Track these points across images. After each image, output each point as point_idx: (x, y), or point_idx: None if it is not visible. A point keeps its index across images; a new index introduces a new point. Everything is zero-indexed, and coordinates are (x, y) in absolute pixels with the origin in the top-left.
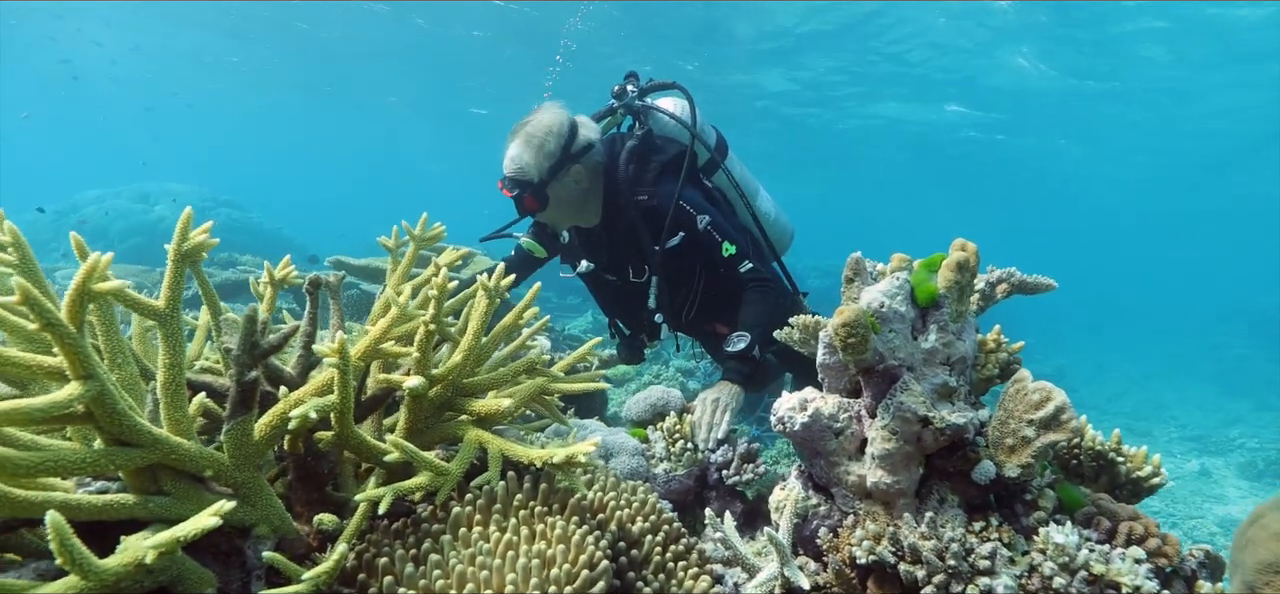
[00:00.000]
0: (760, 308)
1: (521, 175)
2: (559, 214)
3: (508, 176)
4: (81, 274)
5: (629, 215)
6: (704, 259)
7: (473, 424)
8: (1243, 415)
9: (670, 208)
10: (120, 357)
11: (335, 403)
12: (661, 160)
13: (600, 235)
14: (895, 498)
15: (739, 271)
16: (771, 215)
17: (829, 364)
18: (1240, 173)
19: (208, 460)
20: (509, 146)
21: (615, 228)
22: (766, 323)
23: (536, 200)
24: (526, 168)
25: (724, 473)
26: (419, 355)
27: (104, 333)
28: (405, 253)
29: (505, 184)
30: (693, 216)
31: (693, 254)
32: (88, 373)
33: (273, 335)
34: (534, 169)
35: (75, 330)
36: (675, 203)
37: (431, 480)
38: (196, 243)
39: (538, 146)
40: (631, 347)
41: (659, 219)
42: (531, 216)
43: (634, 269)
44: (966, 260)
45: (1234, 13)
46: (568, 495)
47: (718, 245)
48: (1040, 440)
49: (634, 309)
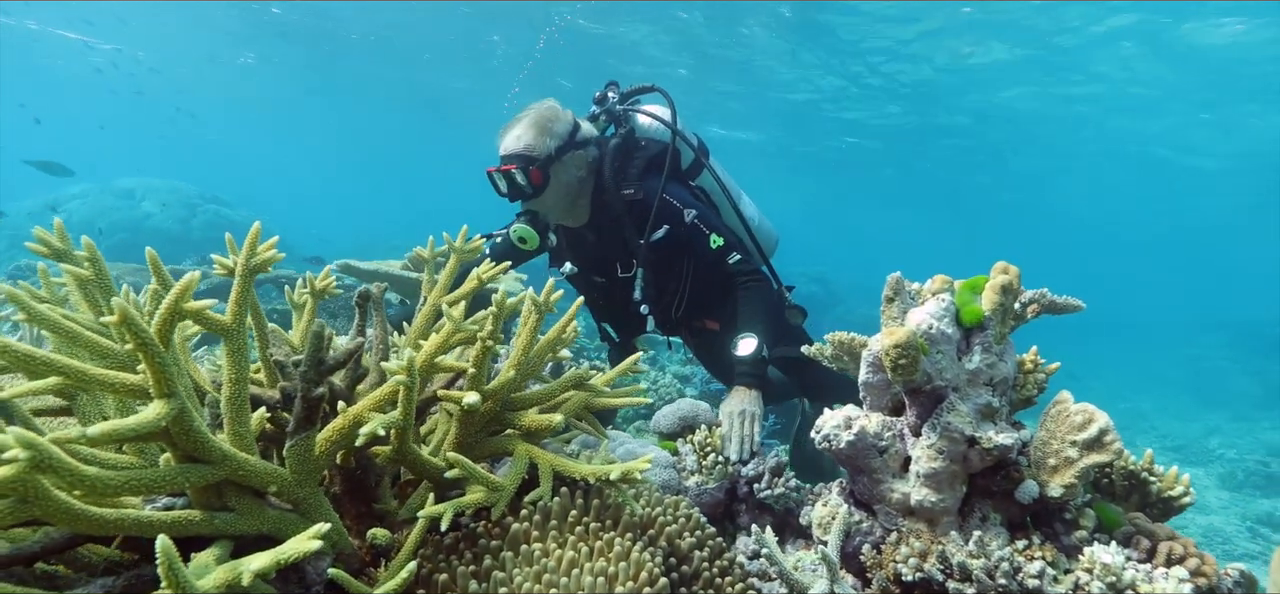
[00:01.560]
0: (758, 304)
1: (528, 150)
2: (554, 200)
3: (509, 153)
4: (174, 294)
5: (614, 211)
6: (692, 253)
7: (521, 438)
8: (1220, 425)
9: (655, 201)
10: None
11: (398, 419)
12: (645, 157)
13: (587, 235)
14: (939, 516)
15: (728, 264)
16: (755, 220)
17: (872, 382)
18: (1218, 186)
19: (273, 476)
20: (510, 130)
21: (602, 226)
22: (766, 319)
23: (541, 175)
24: (533, 145)
25: (755, 486)
26: (475, 372)
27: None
28: (425, 263)
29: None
30: (679, 211)
31: (679, 248)
32: (171, 391)
33: (338, 352)
34: (543, 144)
35: (165, 350)
36: (659, 196)
37: (486, 496)
38: (264, 257)
39: (544, 128)
40: (622, 352)
41: (644, 212)
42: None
43: (621, 265)
44: (1010, 283)
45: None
46: (618, 511)
47: (706, 238)
48: (1083, 461)
49: (622, 312)
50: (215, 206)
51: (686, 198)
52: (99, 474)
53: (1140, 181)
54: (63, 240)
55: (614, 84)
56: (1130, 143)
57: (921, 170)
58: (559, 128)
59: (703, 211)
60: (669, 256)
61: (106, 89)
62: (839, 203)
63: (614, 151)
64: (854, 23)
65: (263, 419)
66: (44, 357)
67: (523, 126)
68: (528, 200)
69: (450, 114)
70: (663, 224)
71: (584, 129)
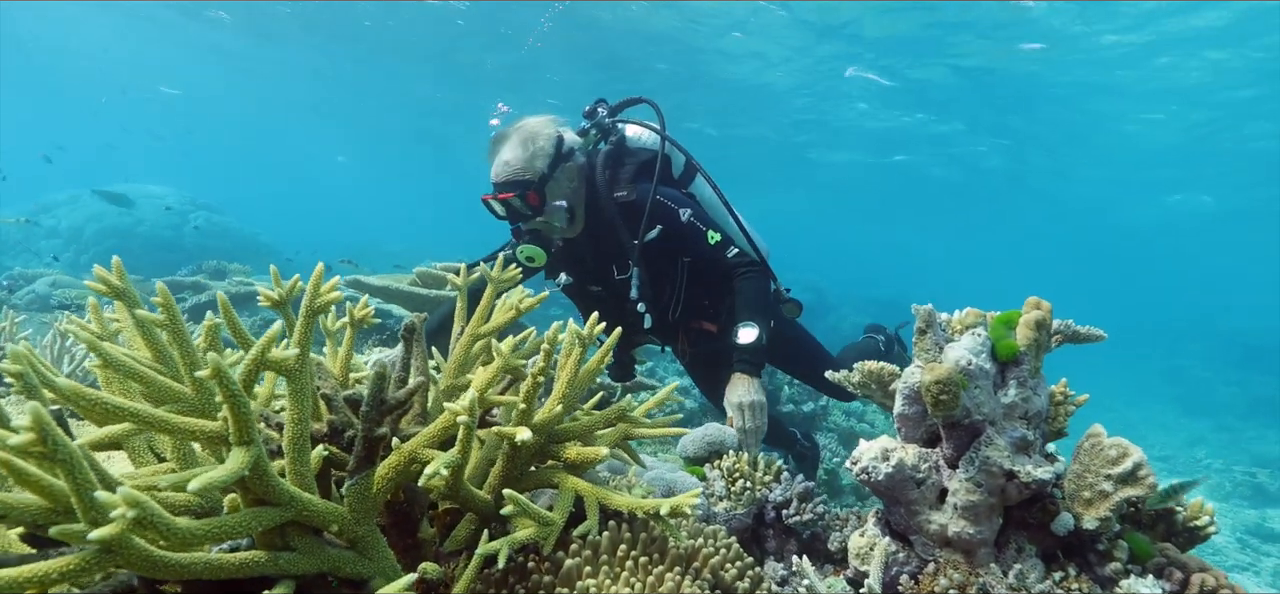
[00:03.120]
0: (757, 293)
1: (520, 175)
2: (553, 216)
3: (503, 181)
4: (261, 345)
5: (608, 215)
6: (689, 253)
7: (565, 471)
8: (1204, 436)
9: (648, 201)
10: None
11: (458, 458)
12: (636, 162)
13: (582, 244)
14: (976, 547)
15: (727, 258)
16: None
17: (907, 414)
18: (1198, 193)
19: (333, 515)
20: (499, 154)
21: (597, 233)
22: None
23: (538, 197)
24: (522, 169)
25: (784, 512)
26: (525, 406)
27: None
28: (458, 289)
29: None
30: (674, 211)
31: (675, 249)
32: (252, 438)
33: (399, 391)
34: (530, 169)
35: (248, 398)
36: (652, 198)
37: (537, 531)
38: (327, 299)
39: (530, 147)
40: (620, 364)
41: (637, 213)
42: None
43: (618, 267)
44: (1043, 318)
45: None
46: (664, 542)
47: (702, 234)
48: (1118, 495)
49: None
50: (206, 213)
51: (680, 198)
52: (189, 526)
53: (1124, 189)
54: (121, 279)
55: (603, 100)
56: (1114, 150)
57: (913, 182)
58: (547, 145)
59: (697, 210)
60: (664, 257)
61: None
62: (827, 214)
63: (605, 159)
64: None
65: (320, 458)
66: (131, 407)
67: (511, 148)
68: (528, 222)
69: (444, 119)
70: (656, 224)
71: (568, 139)
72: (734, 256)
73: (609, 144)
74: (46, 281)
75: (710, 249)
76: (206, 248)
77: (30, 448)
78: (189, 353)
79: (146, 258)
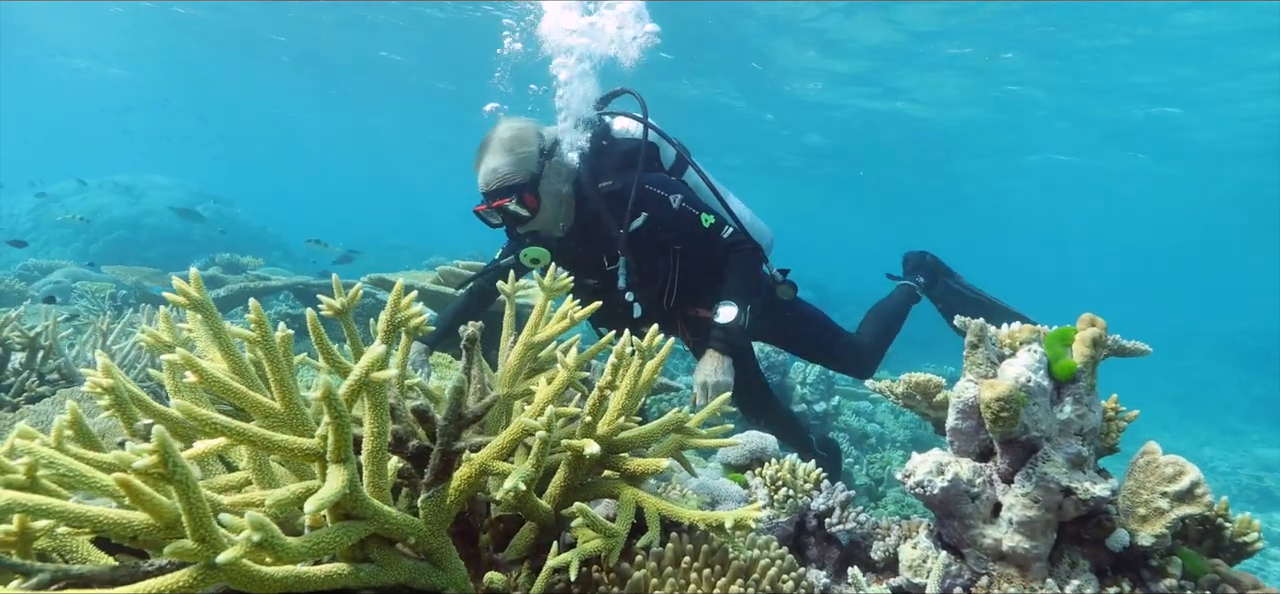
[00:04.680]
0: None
1: (510, 180)
2: (549, 216)
3: (494, 189)
4: (364, 366)
5: (594, 206)
6: (683, 239)
7: (624, 481)
8: (1210, 438)
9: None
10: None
11: (532, 472)
12: (620, 152)
13: (573, 238)
14: (1031, 562)
15: (723, 239)
16: (746, 218)
17: (961, 428)
18: (1202, 196)
19: (411, 527)
20: (484, 163)
21: (586, 225)
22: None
23: (534, 198)
24: (514, 172)
25: (827, 520)
26: (591, 419)
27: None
28: (507, 297)
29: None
30: (664, 197)
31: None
32: (349, 456)
33: (476, 405)
34: (522, 171)
35: (348, 418)
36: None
37: (604, 543)
38: (407, 314)
39: (517, 150)
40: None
41: (623, 203)
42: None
43: (608, 258)
44: (1100, 336)
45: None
46: (724, 554)
47: (695, 218)
48: (1174, 513)
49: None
50: (215, 204)
51: (669, 183)
52: (297, 545)
53: (1127, 190)
54: (199, 291)
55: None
56: (1117, 151)
57: (913, 178)
58: (533, 145)
59: (687, 194)
60: (655, 245)
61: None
62: (829, 210)
63: (590, 151)
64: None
65: (395, 470)
66: (238, 426)
67: (495, 156)
68: (526, 225)
69: (445, 112)
70: (642, 211)
71: (549, 134)
72: (730, 236)
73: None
74: (64, 273)
75: (704, 232)
76: (217, 239)
77: (151, 469)
78: (280, 370)
79: (155, 249)
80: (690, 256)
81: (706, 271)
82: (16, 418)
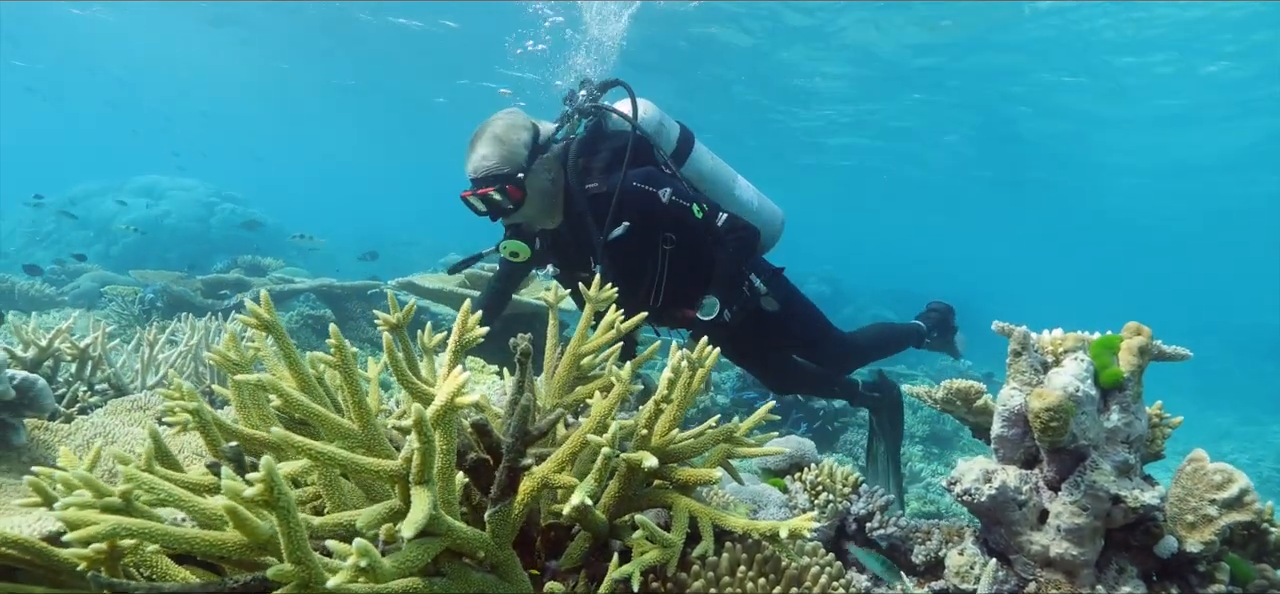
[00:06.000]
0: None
1: (497, 171)
2: (535, 210)
3: (480, 177)
4: (450, 392)
5: (580, 205)
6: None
7: (676, 491)
8: (1229, 430)
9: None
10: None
11: (596, 487)
12: (611, 149)
13: (563, 234)
14: (1079, 568)
15: (718, 227)
16: (753, 204)
17: (1006, 436)
18: (1217, 187)
19: (479, 541)
20: (474, 151)
21: (573, 222)
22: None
23: (519, 190)
24: (501, 163)
25: (868, 525)
26: (646, 431)
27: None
28: (550, 308)
29: (478, 185)
30: (653, 195)
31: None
32: (432, 478)
33: (541, 422)
34: (509, 162)
35: (435, 445)
36: (621, 188)
37: (662, 554)
38: (473, 335)
39: (507, 141)
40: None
41: (607, 206)
42: (506, 218)
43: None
44: (1146, 344)
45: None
46: (778, 563)
47: (686, 211)
48: (1223, 520)
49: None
50: (230, 205)
51: (658, 177)
52: (389, 565)
53: (1142, 184)
54: (269, 312)
55: (588, 80)
56: (1134, 146)
57: (927, 173)
58: (524, 137)
59: (677, 187)
60: (644, 245)
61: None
62: (845, 205)
63: (579, 146)
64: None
65: (463, 485)
66: (330, 451)
67: (485, 145)
68: (510, 217)
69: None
70: (625, 217)
71: (545, 130)
72: (724, 224)
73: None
74: (91, 277)
75: (700, 223)
76: (235, 240)
77: (259, 498)
78: (359, 394)
79: (174, 250)
80: (681, 252)
81: (696, 269)
82: (72, 430)
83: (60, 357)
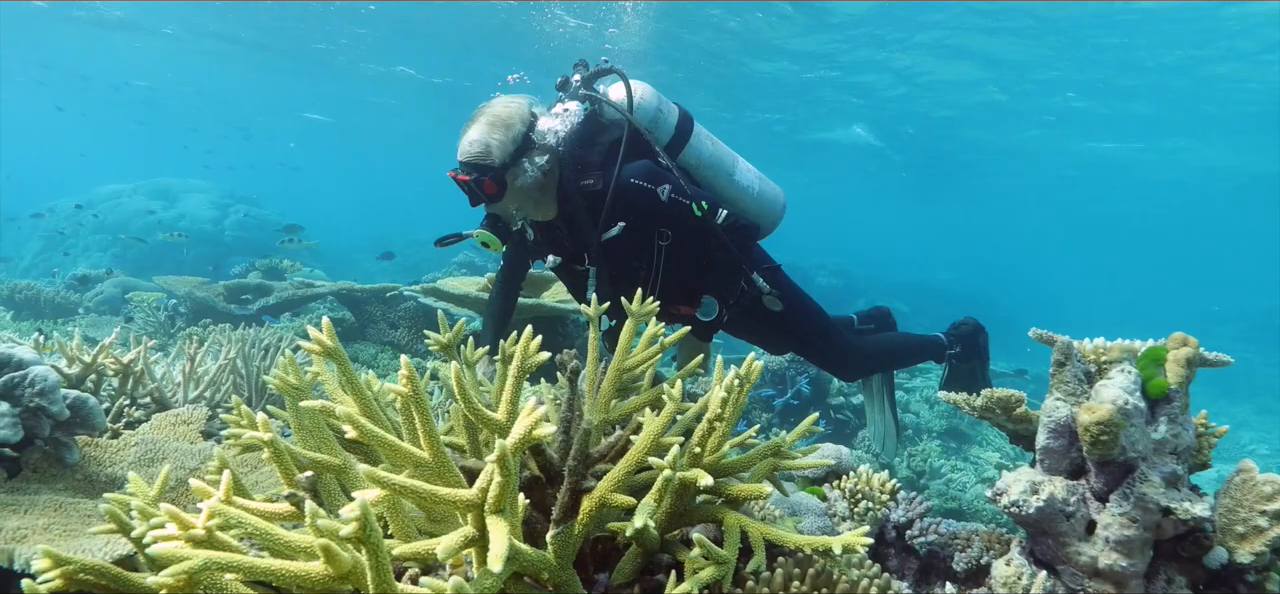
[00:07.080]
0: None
1: (481, 159)
2: (516, 203)
3: (463, 161)
4: (528, 425)
5: (574, 202)
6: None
7: (727, 507)
8: (1248, 419)
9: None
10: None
11: (656, 508)
12: (607, 141)
13: (559, 227)
14: (1128, 580)
15: (718, 225)
16: (754, 188)
17: (1052, 447)
18: (1230, 174)
19: (543, 563)
20: (465, 133)
21: (568, 217)
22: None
23: (495, 184)
24: (488, 151)
25: (908, 532)
26: (699, 450)
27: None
28: (591, 320)
29: (461, 170)
30: (651, 192)
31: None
32: (506, 507)
33: (602, 444)
34: (496, 152)
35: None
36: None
37: (716, 571)
38: (534, 360)
39: (500, 129)
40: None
41: (601, 204)
42: (485, 206)
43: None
44: (1193, 354)
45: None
46: (829, 576)
47: (686, 208)
48: (1274, 530)
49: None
50: (245, 207)
51: (657, 173)
52: (468, 587)
53: (1151, 171)
54: (332, 340)
55: (583, 62)
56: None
57: (937, 166)
58: (514, 130)
59: (676, 183)
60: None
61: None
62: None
63: (574, 138)
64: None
65: (526, 507)
66: (410, 484)
67: (478, 129)
68: (489, 206)
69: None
70: (620, 217)
71: (545, 121)
72: (724, 221)
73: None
74: (113, 283)
75: (700, 222)
76: (249, 242)
77: (354, 536)
78: (429, 424)
79: (189, 253)
80: (679, 248)
81: (694, 264)
82: (121, 445)
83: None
